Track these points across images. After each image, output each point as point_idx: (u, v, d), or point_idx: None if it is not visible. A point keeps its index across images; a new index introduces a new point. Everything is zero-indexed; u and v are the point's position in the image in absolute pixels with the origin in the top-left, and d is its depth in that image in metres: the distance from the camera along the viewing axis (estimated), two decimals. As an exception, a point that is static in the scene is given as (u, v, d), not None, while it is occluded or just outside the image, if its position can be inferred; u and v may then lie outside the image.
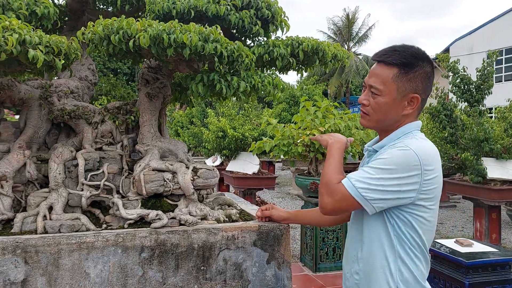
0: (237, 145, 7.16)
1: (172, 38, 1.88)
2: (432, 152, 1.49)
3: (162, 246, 2.19)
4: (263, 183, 7.28)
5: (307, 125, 5.70)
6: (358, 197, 1.43)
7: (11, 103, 2.46)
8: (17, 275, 2.01)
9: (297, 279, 5.15)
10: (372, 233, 1.55)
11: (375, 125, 1.60)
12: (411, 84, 1.50)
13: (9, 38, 1.66)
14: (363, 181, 1.44)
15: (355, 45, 29.20)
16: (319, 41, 2.58)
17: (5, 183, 2.21)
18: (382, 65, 1.53)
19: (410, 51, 1.53)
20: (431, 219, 1.50)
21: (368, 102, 1.55)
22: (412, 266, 1.48)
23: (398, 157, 1.43)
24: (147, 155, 2.43)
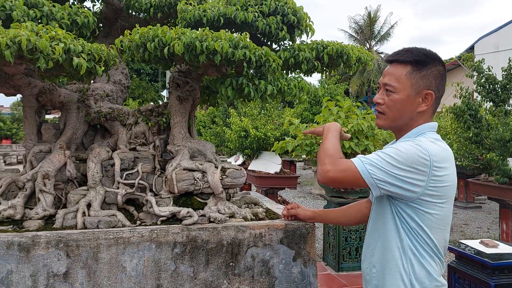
0: (259, 144, 7.25)
1: (204, 45, 1.99)
2: (444, 151, 1.53)
3: (193, 242, 2.31)
4: (285, 182, 7.35)
5: (330, 125, 5.74)
6: (364, 172, 1.47)
7: (51, 106, 2.62)
8: (59, 268, 2.15)
9: (320, 278, 5.21)
10: (384, 226, 1.61)
11: (390, 124, 1.63)
12: (424, 80, 1.55)
13: (56, 47, 1.80)
14: (371, 159, 1.49)
15: (377, 43, 28.89)
16: (343, 44, 2.65)
17: (47, 181, 2.37)
18: (396, 64, 1.59)
19: (422, 51, 1.60)
20: (440, 217, 1.52)
21: (383, 101, 1.60)
22: (423, 259, 1.52)
23: (408, 150, 1.47)
24: (178, 155, 2.55)
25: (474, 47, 20.49)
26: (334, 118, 5.71)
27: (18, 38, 1.70)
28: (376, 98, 1.63)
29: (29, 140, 2.55)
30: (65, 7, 2.31)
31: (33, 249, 2.11)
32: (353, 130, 5.45)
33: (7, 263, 2.09)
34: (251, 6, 2.44)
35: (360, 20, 28.54)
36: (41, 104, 2.57)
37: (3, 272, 2.09)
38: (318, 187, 10.63)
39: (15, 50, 1.71)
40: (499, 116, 5.62)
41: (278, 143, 6.09)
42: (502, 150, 5.33)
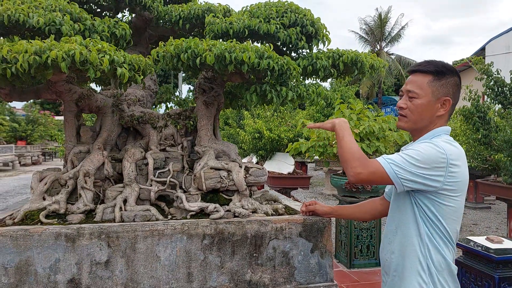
0: (272, 145, 7.45)
1: (233, 56, 2.21)
2: (457, 150, 1.73)
3: (220, 234, 2.53)
4: (298, 182, 7.54)
5: (342, 127, 5.93)
6: (391, 173, 1.67)
7: (89, 110, 2.87)
8: (101, 257, 2.39)
9: (332, 275, 5.40)
10: (404, 215, 1.80)
11: (412, 126, 1.83)
12: (443, 89, 1.77)
13: (103, 59, 2.04)
14: (396, 161, 1.68)
15: (387, 45, 28.90)
16: (357, 52, 2.85)
17: (88, 179, 2.61)
18: (418, 74, 1.81)
19: (442, 63, 1.82)
20: (454, 209, 1.72)
21: (406, 105, 1.81)
22: (439, 246, 1.71)
23: (427, 150, 1.66)
24: (205, 156, 2.77)
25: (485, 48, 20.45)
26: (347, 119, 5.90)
27: (72, 52, 1.94)
28: (399, 103, 1.84)
29: (69, 141, 2.79)
30: (105, 21, 2.54)
31: (78, 240, 2.35)
32: (365, 132, 5.63)
33: (55, 252, 2.33)
34: (273, 19, 2.66)
35: (371, 21, 28.61)
36: (79, 109, 2.81)
37: (51, 260, 2.33)
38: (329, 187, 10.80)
39: (69, 62, 1.95)
40: (507, 118, 5.76)
41: (292, 144, 6.29)
42: (510, 151, 5.47)
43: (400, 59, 27.39)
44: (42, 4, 2.31)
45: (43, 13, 2.23)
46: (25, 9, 2.20)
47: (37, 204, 2.56)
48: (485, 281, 3.24)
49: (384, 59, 26.59)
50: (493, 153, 5.86)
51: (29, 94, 2.65)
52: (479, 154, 6.33)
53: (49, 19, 2.21)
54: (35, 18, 2.19)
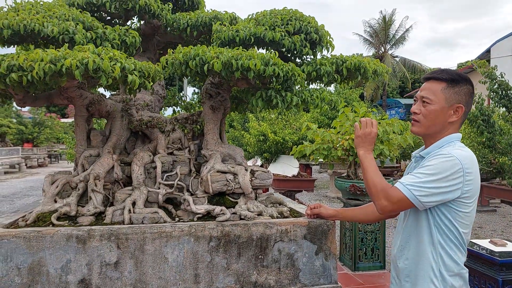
0: (277, 148, 7.51)
1: (240, 63, 2.28)
2: (471, 157, 1.80)
3: (226, 236, 2.59)
4: (302, 185, 7.58)
5: (346, 130, 5.98)
6: (414, 200, 1.73)
7: (99, 115, 2.94)
8: (111, 258, 2.46)
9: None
10: (416, 223, 1.86)
11: (424, 131, 1.88)
12: (457, 96, 1.82)
13: (115, 67, 2.11)
14: (417, 185, 1.72)
15: (392, 47, 28.89)
16: (361, 58, 2.91)
17: (98, 182, 2.69)
18: (432, 81, 1.87)
19: (456, 72, 1.89)
20: (469, 214, 1.78)
21: (419, 111, 1.86)
22: (451, 252, 1.78)
23: (444, 164, 1.72)
24: (211, 159, 2.84)
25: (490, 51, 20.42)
26: (351, 123, 5.95)
27: (86, 60, 2.01)
28: (413, 108, 1.90)
29: (79, 145, 2.87)
30: (116, 29, 2.62)
31: (89, 241, 2.42)
32: (369, 135, 5.67)
33: (67, 253, 2.40)
34: (278, 26, 2.72)
35: (375, 24, 28.62)
36: (90, 113, 2.89)
37: (63, 261, 2.40)
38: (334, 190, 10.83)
39: (83, 70, 2.02)
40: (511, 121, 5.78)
41: (297, 147, 6.35)
42: (514, 154, 5.49)
43: (405, 61, 27.36)
44: (56, 13, 2.39)
45: (57, 23, 2.31)
46: (40, 18, 2.29)
47: (49, 206, 2.64)
48: (489, 284, 3.28)
49: (389, 61, 26.58)
50: (498, 156, 5.89)
51: (42, 100, 2.73)
52: (484, 157, 6.35)
53: (63, 28, 2.29)
54: (49, 27, 2.27)
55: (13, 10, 2.38)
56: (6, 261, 2.32)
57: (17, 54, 2.01)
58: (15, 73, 1.97)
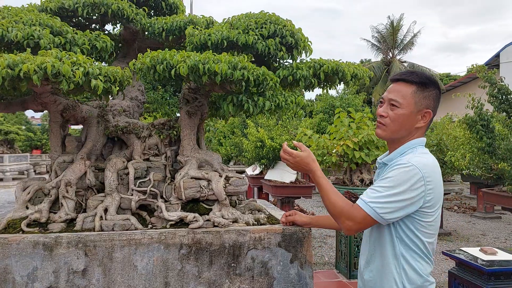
0: (275, 154, 7.45)
1: (206, 67, 2.23)
2: (432, 164, 1.72)
3: (198, 244, 2.53)
4: (300, 191, 7.50)
5: (341, 136, 5.91)
6: (378, 218, 1.67)
7: (74, 120, 2.92)
8: (78, 265, 2.42)
9: (332, 285, 5.34)
10: (379, 236, 1.81)
11: (390, 135, 1.81)
12: (426, 100, 1.75)
13: (76, 71, 2.08)
14: (378, 202, 1.66)
15: (400, 52, 28.68)
16: (339, 62, 2.85)
17: (69, 188, 2.66)
18: (402, 83, 1.78)
19: (426, 75, 1.80)
20: (432, 223, 1.72)
21: (386, 114, 1.78)
22: (414, 264, 1.72)
23: (403, 175, 1.65)
24: (186, 165, 2.80)
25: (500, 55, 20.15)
26: (346, 129, 5.88)
27: (44, 65, 1.99)
28: (380, 111, 1.82)
29: (54, 151, 2.85)
30: (86, 34, 2.61)
31: (56, 248, 2.39)
32: (364, 141, 5.60)
33: (33, 260, 2.37)
34: (252, 30, 2.68)
35: (383, 29, 28.46)
36: (65, 119, 2.87)
37: (29, 268, 2.37)
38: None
39: (42, 75, 2.00)
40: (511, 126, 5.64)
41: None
42: (513, 160, 5.35)
43: (413, 66, 27.11)
44: (23, 19, 2.39)
45: (22, 28, 2.30)
46: (5, 24, 2.28)
47: (20, 213, 2.61)
48: (476, 294, 3.16)
49: (397, 66, 26.39)
50: (498, 161, 5.75)
51: (16, 106, 2.72)
52: (484, 163, 6.21)
53: (27, 33, 2.28)
54: (13, 32, 2.26)
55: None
56: (-29, 268, 2.29)
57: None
58: (-27, 78, 1.95)
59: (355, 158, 5.65)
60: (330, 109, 11.12)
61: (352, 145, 5.59)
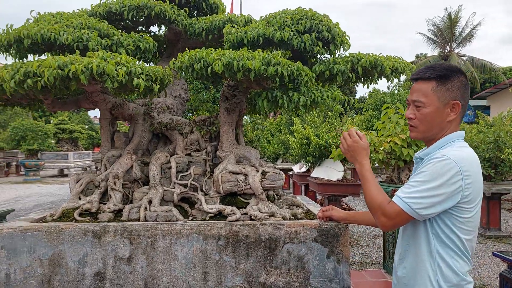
0: (321, 152, 7.39)
1: (240, 64, 2.30)
2: (470, 158, 1.64)
3: (235, 236, 2.61)
4: (347, 190, 7.38)
5: (389, 133, 5.75)
6: (413, 214, 1.63)
7: (122, 118, 3.11)
8: (124, 253, 2.58)
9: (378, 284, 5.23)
10: (414, 231, 1.77)
11: (422, 136, 1.77)
12: (450, 92, 1.69)
13: (119, 71, 2.23)
14: (413, 197, 1.61)
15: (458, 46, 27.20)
16: (377, 56, 2.80)
17: (117, 181, 2.84)
18: (420, 82, 1.74)
19: (444, 66, 1.73)
20: (471, 220, 1.65)
21: (414, 116, 1.75)
22: (450, 261, 1.66)
23: (439, 169, 1.59)
24: (225, 160, 2.88)
25: None
26: (394, 125, 5.71)
27: (90, 65, 2.15)
28: (407, 114, 1.79)
29: (104, 146, 3.06)
30: (131, 35, 2.77)
31: (104, 236, 2.57)
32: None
33: (84, 247, 2.56)
34: (288, 26, 2.71)
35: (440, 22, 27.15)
36: (114, 117, 3.07)
37: (80, 254, 2.56)
38: (386, 195, 10.39)
39: (88, 74, 2.17)
40: None
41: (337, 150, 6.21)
42: None
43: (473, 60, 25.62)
44: (74, 23, 2.59)
45: (72, 31, 2.49)
46: (57, 28, 2.49)
47: (73, 203, 2.83)
48: (530, 298, 2.98)
49: (455, 60, 25.07)
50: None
51: (70, 104, 2.94)
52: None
53: (77, 36, 2.48)
54: (64, 35, 2.46)
55: (35, 21, 2.61)
56: (30, 252, 2.53)
57: (32, 61, 2.20)
58: (30, 79, 2.16)
59: (403, 155, 5.47)
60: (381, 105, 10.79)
61: (400, 142, 5.42)
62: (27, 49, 2.54)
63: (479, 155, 6.79)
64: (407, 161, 5.62)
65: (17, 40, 2.46)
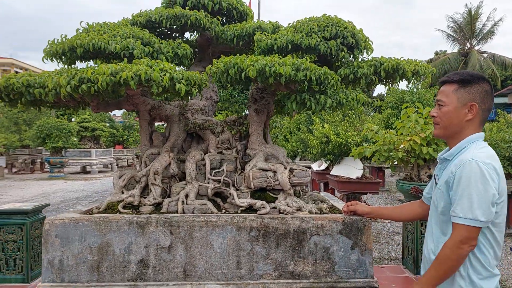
0: (340, 150, 7.55)
1: (272, 70, 2.51)
2: (494, 155, 1.83)
3: (265, 228, 2.83)
4: (366, 187, 7.51)
5: (409, 131, 5.88)
6: (482, 224, 1.73)
7: (159, 118, 3.36)
8: (165, 242, 2.83)
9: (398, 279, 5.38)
10: (445, 226, 1.88)
11: (444, 132, 1.96)
12: (469, 95, 1.89)
13: (164, 77, 2.47)
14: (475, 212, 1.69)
15: (479, 42, 26.81)
16: (399, 60, 2.97)
17: (157, 176, 3.09)
18: (446, 84, 1.96)
19: (469, 72, 1.94)
20: (500, 214, 1.79)
21: (437, 114, 1.95)
22: (479, 255, 1.78)
23: (479, 174, 1.73)
24: (254, 158, 3.11)
25: None
26: (413, 124, 5.84)
27: (139, 72, 2.40)
28: (431, 112, 2.01)
29: (143, 145, 3.31)
30: (170, 43, 3.01)
31: (147, 227, 2.82)
32: (432, 136, 5.54)
33: (129, 236, 2.82)
34: (315, 33, 2.91)
35: (460, 18, 26.81)
36: (152, 118, 3.32)
37: (126, 243, 2.82)
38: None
39: (137, 81, 2.41)
40: None
41: (357, 148, 6.37)
42: None
43: (494, 57, 25.24)
44: (120, 32, 2.84)
45: (119, 40, 2.75)
46: (106, 38, 2.74)
47: (117, 197, 3.09)
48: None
49: (475, 58, 24.74)
50: None
51: (112, 106, 3.21)
52: None
53: (124, 45, 2.73)
54: (113, 45, 2.72)
55: (85, 31, 2.88)
56: (81, 241, 2.80)
57: (86, 68, 2.46)
58: (85, 84, 2.42)
59: (422, 154, 5.60)
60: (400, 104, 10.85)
61: (420, 140, 5.55)
62: (78, 57, 2.80)
63: (499, 153, 6.85)
64: (427, 160, 5.75)
65: (71, 49, 2.73)
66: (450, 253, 1.75)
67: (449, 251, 1.75)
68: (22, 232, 4.13)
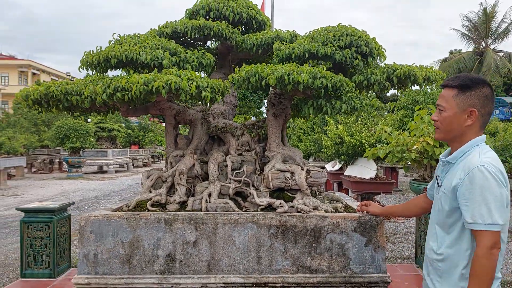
0: (354, 151, 7.69)
1: (291, 78, 2.70)
2: (497, 158, 1.89)
3: (284, 225, 3.02)
4: (380, 187, 7.64)
5: (422, 133, 6.00)
6: (501, 228, 1.74)
7: (184, 122, 3.58)
8: (191, 238, 3.04)
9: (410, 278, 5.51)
10: (449, 226, 1.94)
11: (444, 136, 2.01)
12: (468, 100, 1.91)
13: (191, 86, 2.68)
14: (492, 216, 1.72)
15: (494, 41, 26.55)
16: (411, 66, 3.13)
17: (182, 177, 3.31)
18: (446, 89, 1.99)
19: (468, 77, 1.97)
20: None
21: (437, 118, 1.99)
22: None
23: (488, 178, 1.74)
24: (273, 159, 3.30)
25: None
26: (426, 125, 5.97)
27: (169, 81, 2.61)
28: (432, 116, 2.04)
29: (169, 147, 3.54)
30: (195, 52, 3.23)
31: (174, 224, 3.04)
32: (444, 138, 5.65)
33: (157, 232, 3.04)
34: (330, 42, 3.09)
35: (475, 17, 26.59)
36: (177, 121, 3.54)
37: (154, 239, 3.04)
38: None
39: (167, 89, 2.63)
40: None
41: (370, 149, 6.51)
42: None
43: (509, 56, 24.98)
44: (149, 44, 3.07)
45: (149, 51, 2.97)
46: (137, 49, 2.97)
47: (145, 196, 3.32)
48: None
49: (490, 57, 24.52)
50: None
51: (140, 111, 3.43)
52: None
53: (154, 56, 2.95)
54: (143, 55, 2.94)
55: (118, 43, 3.11)
56: (114, 236, 3.03)
57: (120, 78, 2.69)
58: (119, 92, 2.64)
59: (435, 155, 5.72)
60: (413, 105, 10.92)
61: (432, 142, 5.67)
62: (112, 67, 3.04)
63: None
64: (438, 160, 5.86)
65: (105, 59, 2.96)
66: (486, 261, 1.74)
67: (484, 260, 1.74)
68: (49, 229, 4.38)
